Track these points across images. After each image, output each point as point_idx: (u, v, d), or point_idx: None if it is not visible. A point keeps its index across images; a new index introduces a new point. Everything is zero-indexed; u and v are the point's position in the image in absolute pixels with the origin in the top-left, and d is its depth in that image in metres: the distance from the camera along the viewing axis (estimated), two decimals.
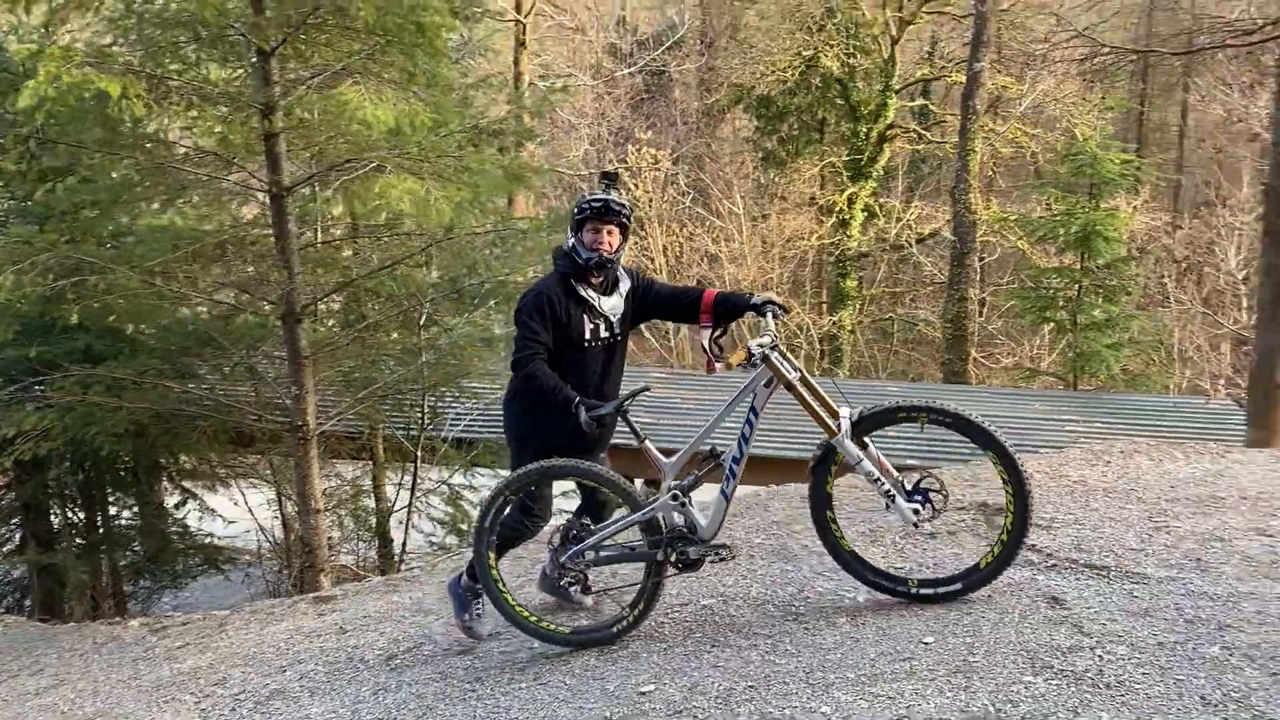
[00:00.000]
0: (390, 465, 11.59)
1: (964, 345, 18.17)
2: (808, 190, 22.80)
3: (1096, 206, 16.00)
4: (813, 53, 21.88)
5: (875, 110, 22.26)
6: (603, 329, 4.33)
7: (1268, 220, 8.50)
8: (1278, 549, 4.36)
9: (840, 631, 3.95)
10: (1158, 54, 15.73)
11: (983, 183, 21.27)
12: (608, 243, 4.24)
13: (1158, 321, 16.39)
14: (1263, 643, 3.48)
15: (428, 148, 6.68)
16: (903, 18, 21.85)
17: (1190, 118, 24.17)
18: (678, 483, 4.18)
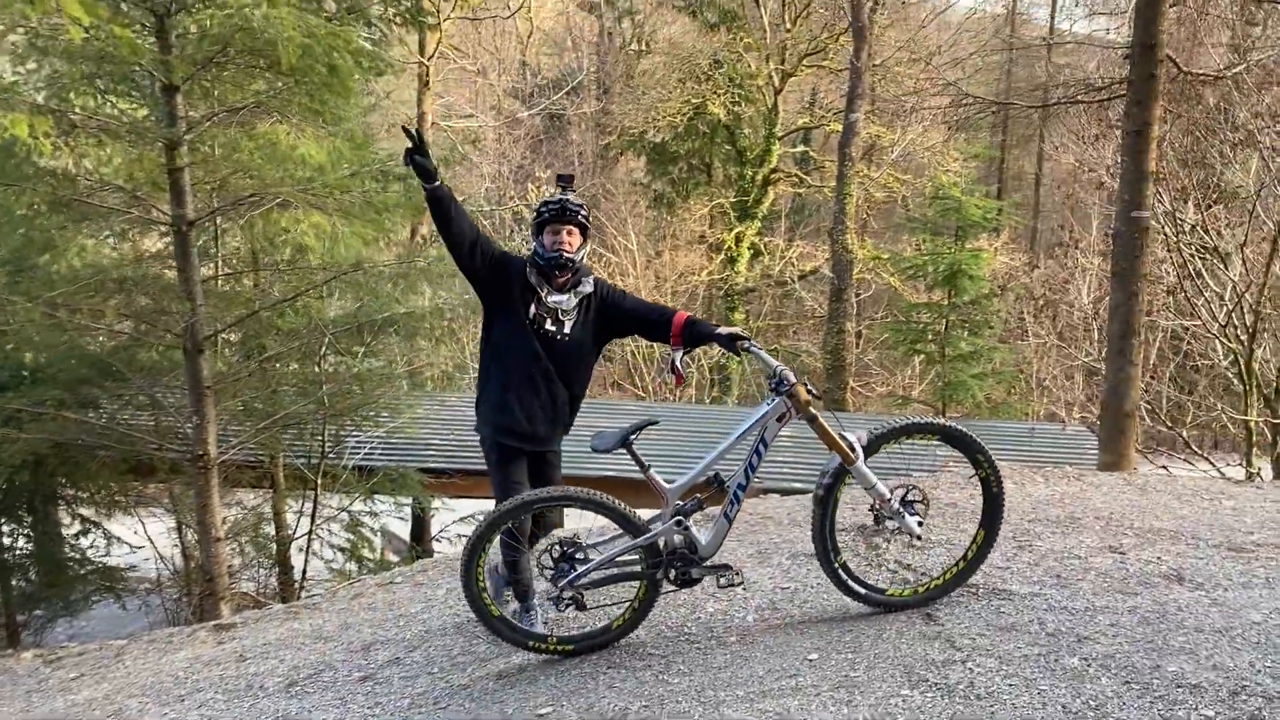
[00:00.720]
0: (291, 493, 11.71)
1: (843, 375, 19.17)
2: (697, 229, 23.68)
3: (962, 247, 17.15)
4: (701, 101, 22.85)
5: (760, 155, 23.31)
6: (548, 322, 4.40)
7: (1114, 262, 9.11)
8: (1129, 565, 4.79)
9: (731, 650, 4.09)
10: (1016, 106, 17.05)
11: (858, 224, 22.51)
12: (568, 243, 4.34)
13: (1018, 353, 17.59)
14: (1117, 653, 3.76)
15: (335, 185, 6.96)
16: (785, 70, 23.01)
17: (1046, 166, 25.91)
18: (681, 504, 4.22)
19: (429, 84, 20.61)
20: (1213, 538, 5.27)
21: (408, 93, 21.78)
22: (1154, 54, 7.71)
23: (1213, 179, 12.58)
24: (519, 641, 4.37)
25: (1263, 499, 6.22)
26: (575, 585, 4.24)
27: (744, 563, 5.02)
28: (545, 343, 4.41)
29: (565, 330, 4.42)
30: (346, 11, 7.08)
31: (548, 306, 4.39)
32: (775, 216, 25.19)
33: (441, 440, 13.15)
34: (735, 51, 23.19)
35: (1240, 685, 3.59)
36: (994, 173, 28.54)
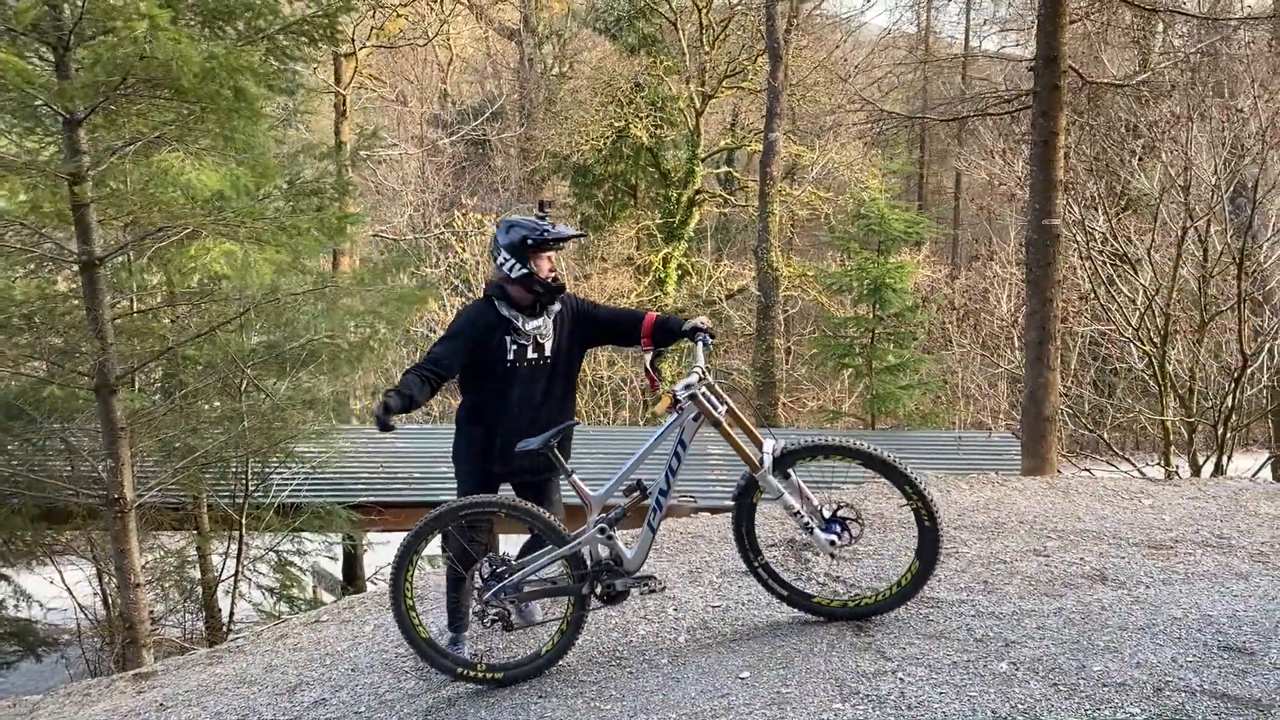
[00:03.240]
0: (216, 534, 11.43)
1: (773, 391, 19.33)
2: (625, 251, 23.74)
3: (885, 261, 17.44)
4: (624, 124, 22.96)
5: (684, 177, 23.49)
6: (529, 351, 4.35)
7: (1028, 270, 9.32)
8: (1053, 567, 4.86)
9: (663, 673, 4.07)
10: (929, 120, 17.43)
11: (783, 241, 22.78)
12: (553, 267, 4.37)
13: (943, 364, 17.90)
14: (1044, 655, 3.81)
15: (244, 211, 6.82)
16: (705, 92, 23.25)
17: (964, 179, 26.52)
18: (604, 516, 4.16)
19: (345, 113, 20.41)
20: (1133, 537, 5.37)
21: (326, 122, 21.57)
22: (1057, 66, 7.92)
23: (1120, 187, 12.96)
24: (446, 668, 4.28)
25: (1180, 496, 6.37)
26: (500, 599, 4.18)
27: (675, 583, 4.98)
28: (531, 373, 4.38)
29: (547, 353, 4.40)
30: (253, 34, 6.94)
31: (525, 334, 4.35)
32: (702, 237, 25.38)
33: (371, 474, 12.96)
34: (656, 75, 23.38)
35: (1164, 681, 3.64)
36: (914, 187, 29.13)
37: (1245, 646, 3.94)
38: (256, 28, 7.00)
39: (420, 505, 12.44)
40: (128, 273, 9.19)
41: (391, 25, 22.27)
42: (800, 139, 22.91)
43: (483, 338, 4.34)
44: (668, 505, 4.15)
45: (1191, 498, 6.20)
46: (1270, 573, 4.90)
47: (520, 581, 4.22)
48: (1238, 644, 3.96)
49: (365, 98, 24.67)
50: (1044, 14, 7.98)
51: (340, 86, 20.48)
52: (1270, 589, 4.65)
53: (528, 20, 27.73)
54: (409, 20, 23.93)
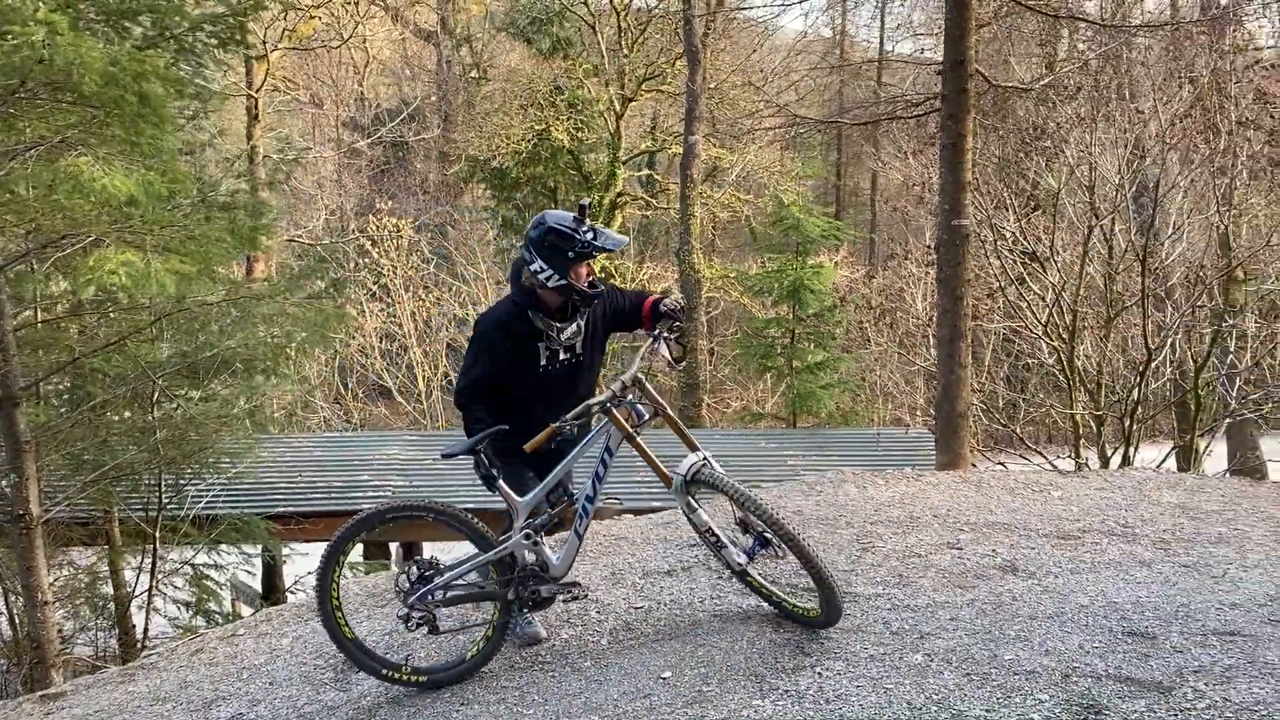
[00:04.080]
0: (129, 548, 11.14)
1: (697, 392, 19.48)
2: None
3: (803, 263, 17.71)
4: (544, 126, 22.90)
5: (605, 179, 23.51)
6: (562, 353, 4.29)
7: (938, 270, 9.53)
8: (966, 559, 4.98)
9: (585, 676, 4.08)
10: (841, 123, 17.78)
11: (705, 244, 22.94)
12: (592, 273, 4.22)
13: (862, 362, 18.23)
14: (957, 646, 3.91)
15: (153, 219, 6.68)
16: (625, 95, 23.30)
17: (879, 182, 27.02)
18: (531, 521, 4.12)
19: (258, 116, 20.02)
20: (1043, 528, 5.54)
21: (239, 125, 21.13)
22: (964, 70, 8.13)
23: (1028, 187, 13.33)
24: (371, 669, 4.23)
25: (1088, 487, 6.58)
26: (425, 603, 4.13)
27: (598, 585, 4.98)
28: (561, 373, 4.33)
29: (578, 351, 4.34)
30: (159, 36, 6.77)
31: (561, 342, 4.27)
32: None
33: (289, 483, 12.76)
34: (575, 77, 23.37)
35: (1071, 668, 3.76)
36: (832, 189, 29.59)
37: (1148, 631, 4.10)
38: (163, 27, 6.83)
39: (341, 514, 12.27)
40: (31, 282, 8.90)
41: (305, 27, 21.90)
42: (720, 142, 23.08)
43: (513, 349, 4.25)
44: (595, 510, 4.16)
45: (1098, 489, 6.41)
46: (1171, 559, 5.10)
47: (445, 585, 4.17)
48: (1141, 629, 4.12)
49: (279, 101, 24.22)
50: (950, 20, 8.20)
51: (252, 90, 20.07)
52: (1171, 575, 4.84)
53: (445, 22, 27.51)
54: (323, 22, 23.56)
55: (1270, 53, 17.69)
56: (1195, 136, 12.28)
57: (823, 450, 14.28)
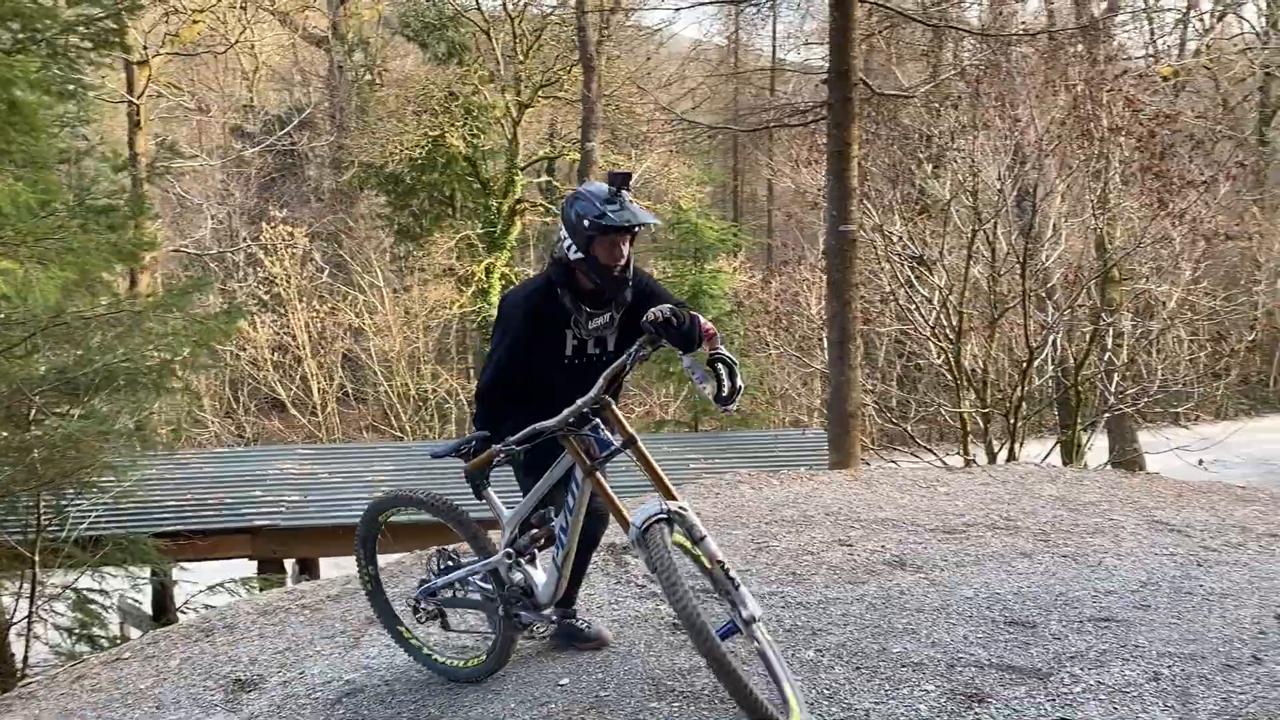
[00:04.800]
0: (6, 573, 10.65)
1: None
2: (445, 262, 23.45)
3: (702, 269, 17.91)
4: (439, 133, 22.69)
5: (504, 186, 23.42)
6: (590, 346, 3.80)
7: (828, 274, 9.85)
8: (857, 556, 5.10)
9: (482, 686, 4.04)
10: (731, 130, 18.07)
11: None
12: (624, 256, 3.64)
13: (760, 366, 18.49)
14: (848, 641, 3.99)
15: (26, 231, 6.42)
16: (521, 101, 23.25)
17: (775, 188, 27.48)
18: (514, 539, 3.84)
19: (140, 123, 19.38)
20: (930, 523, 5.70)
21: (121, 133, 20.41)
22: (848, 79, 8.35)
23: (915, 193, 13.71)
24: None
25: (973, 483, 6.80)
26: (427, 599, 4.10)
27: None
28: (586, 368, 3.73)
29: (609, 347, 3.81)
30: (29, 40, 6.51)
31: (589, 330, 3.76)
32: (525, 246, 25.36)
33: (178, 501, 12.39)
34: (471, 83, 23.22)
35: (956, 658, 3.88)
36: (729, 196, 29.96)
37: (1028, 620, 4.26)
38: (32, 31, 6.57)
39: (233, 531, 11.98)
40: None
41: (188, 31, 21.27)
42: (618, 148, 23.20)
43: (539, 331, 3.75)
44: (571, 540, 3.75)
45: (983, 484, 6.63)
46: (1051, 550, 5.31)
47: (450, 584, 4.03)
48: (1022, 618, 4.28)
49: (163, 106, 23.49)
50: (834, 31, 8.42)
51: (134, 95, 19.42)
52: (1051, 565, 5.04)
53: (336, 27, 27.01)
54: (208, 26, 22.93)
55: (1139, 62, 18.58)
56: (1071, 143, 12.80)
57: (723, 453, 14.46)
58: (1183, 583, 4.72)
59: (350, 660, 4.58)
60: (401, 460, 13.99)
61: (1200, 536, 5.67)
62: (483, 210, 23.65)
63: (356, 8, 27.61)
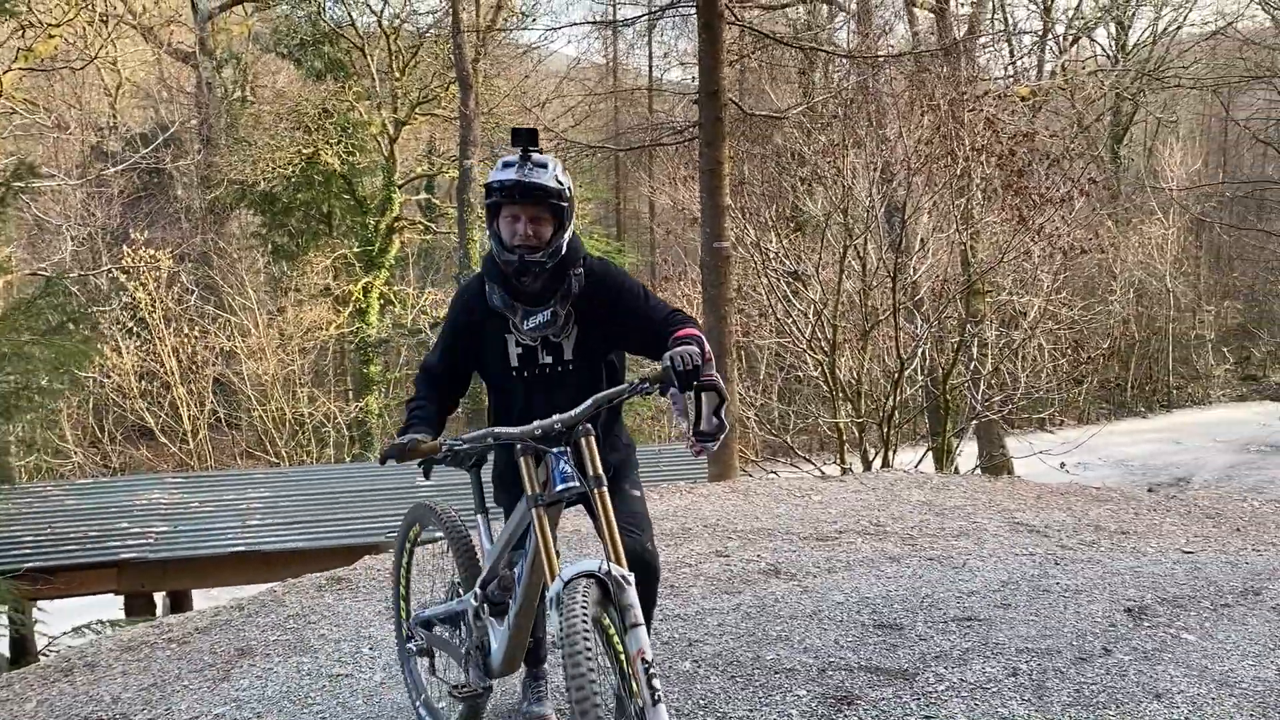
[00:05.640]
0: None
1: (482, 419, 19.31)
2: (321, 281, 22.96)
3: None
4: (313, 150, 22.24)
5: (381, 204, 23.07)
6: (541, 354, 3.14)
7: (704, 289, 9.97)
8: (733, 566, 5.17)
9: (357, 715, 4.02)
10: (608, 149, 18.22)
11: None
12: (532, 233, 3.00)
13: None
14: (723, 650, 4.04)
15: None
16: (398, 119, 22.97)
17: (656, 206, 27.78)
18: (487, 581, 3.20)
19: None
20: (803, 531, 5.83)
21: None
22: (718, 99, 8.52)
23: (790, 210, 14.05)
24: None
25: (846, 491, 6.98)
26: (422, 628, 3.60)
27: (371, 621, 4.87)
28: (548, 384, 3.17)
29: (566, 355, 3.17)
30: None
31: (526, 332, 3.13)
32: (404, 265, 25.01)
33: (37, 537, 11.76)
34: (346, 100, 22.84)
35: (828, 662, 3.98)
36: (612, 213, 30.13)
37: (896, 623, 4.40)
38: None
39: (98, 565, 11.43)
40: None
41: (44, 46, 20.36)
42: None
43: (475, 335, 3.21)
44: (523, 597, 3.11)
45: (855, 491, 6.81)
46: (918, 554, 5.49)
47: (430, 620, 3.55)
48: (890, 621, 4.41)
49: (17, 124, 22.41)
50: (704, 52, 8.58)
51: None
52: (917, 569, 5.21)
53: (204, 43, 26.23)
54: (66, 40, 21.99)
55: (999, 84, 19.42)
56: (936, 161, 13.30)
57: None
58: (1041, 581, 4.93)
59: (219, 693, 4.43)
60: (278, 486, 13.58)
61: (1058, 536, 5.95)
62: (360, 229, 23.27)
63: (225, 23, 26.87)
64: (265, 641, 4.95)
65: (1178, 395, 29.60)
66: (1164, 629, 4.18)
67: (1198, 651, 3.92)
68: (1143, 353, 29.34)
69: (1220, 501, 6.73)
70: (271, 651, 4.81)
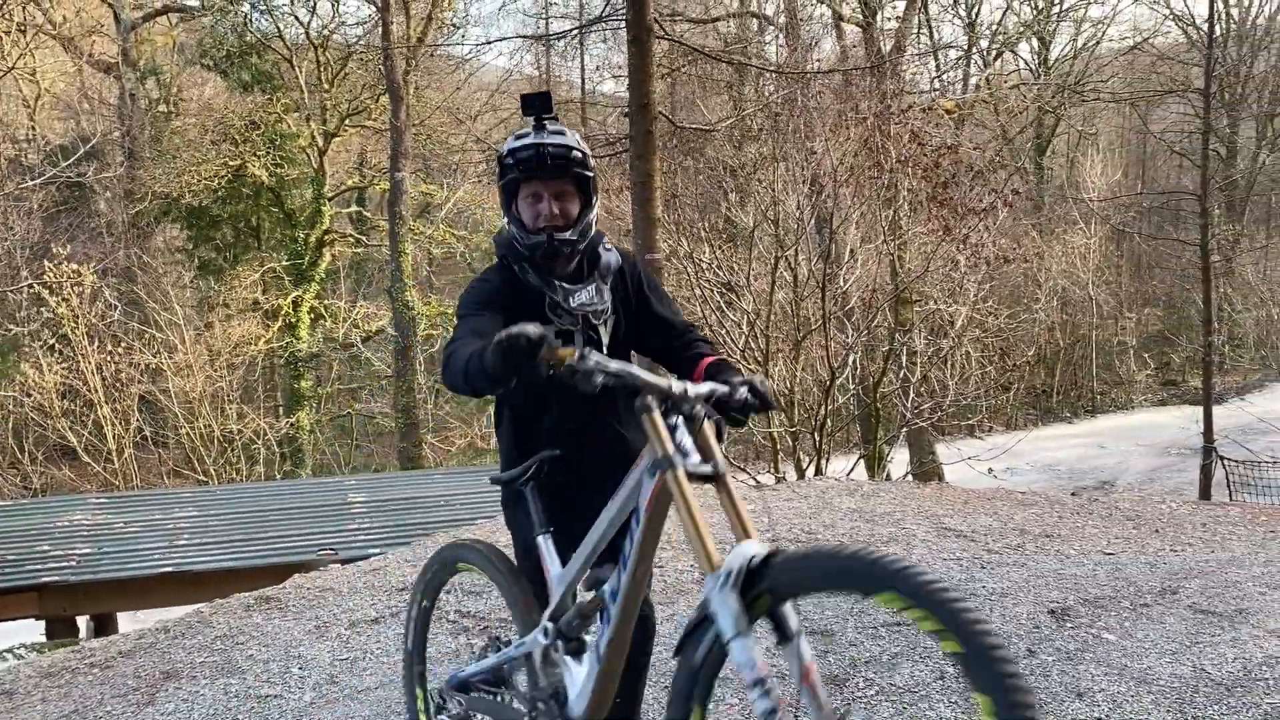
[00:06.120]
0: None
1: (417, 432, 19.18)
2: (250, 296, 22.60)
3: None
4: (240, 163, 21.91)
5: (311, 217, 22.80)
6: (578, 339, 2.70)
7: None
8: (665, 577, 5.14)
9: None
10: None
11: (420, 280, 22.70)
12: (558, 211, 2.66)
13: None
14: (656, 662, 3.73)
15: None
16: (328, 131, 22.74)
17: None
18: (560, 611, 2.59)
19: None
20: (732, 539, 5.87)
21: None
22: (648, 112, 8.58)
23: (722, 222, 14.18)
24: None
25: (778, 499, 7.05)
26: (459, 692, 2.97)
27: (301, 640, 4.80)
28: None
29: (604, 341, 2.76)
30: None
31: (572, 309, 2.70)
32: (335, 278, 24.72)
33: None
34: (274, 112, 22.54)
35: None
36: None
37: (827, 629, 4.46)
38: None
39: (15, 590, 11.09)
40: None
41: None
42: (430, 178, 22.99)
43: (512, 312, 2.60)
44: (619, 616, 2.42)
45: (787, 499, 6.88)
46: None
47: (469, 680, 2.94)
48: (821, 627, 4.47)
49: None
50: (633, 65, 8.64)
51: None
52: None
53: (127, 54, 25.69)
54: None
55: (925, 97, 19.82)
56: (864, 173, 13.53)
57: None
58: (967, 584, 5.04)
59: (144, 718, 4.33)
60: (207, 505, 13.29)
61: (984, 540, 6.07)
62: (289, 242, 22.97)
63: (149, 34, 26.36)
64: (191, 663, 4.84)
65: (1101, 400, 30.37)
66: (1086, 629, 4.30)
67: (1118, 650, 4.03)
68: (1067, 359, 30.08)
69: (1140, 504, 6.92)
70: (198, 674, 4.71)
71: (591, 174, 2.71)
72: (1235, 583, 4.93)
